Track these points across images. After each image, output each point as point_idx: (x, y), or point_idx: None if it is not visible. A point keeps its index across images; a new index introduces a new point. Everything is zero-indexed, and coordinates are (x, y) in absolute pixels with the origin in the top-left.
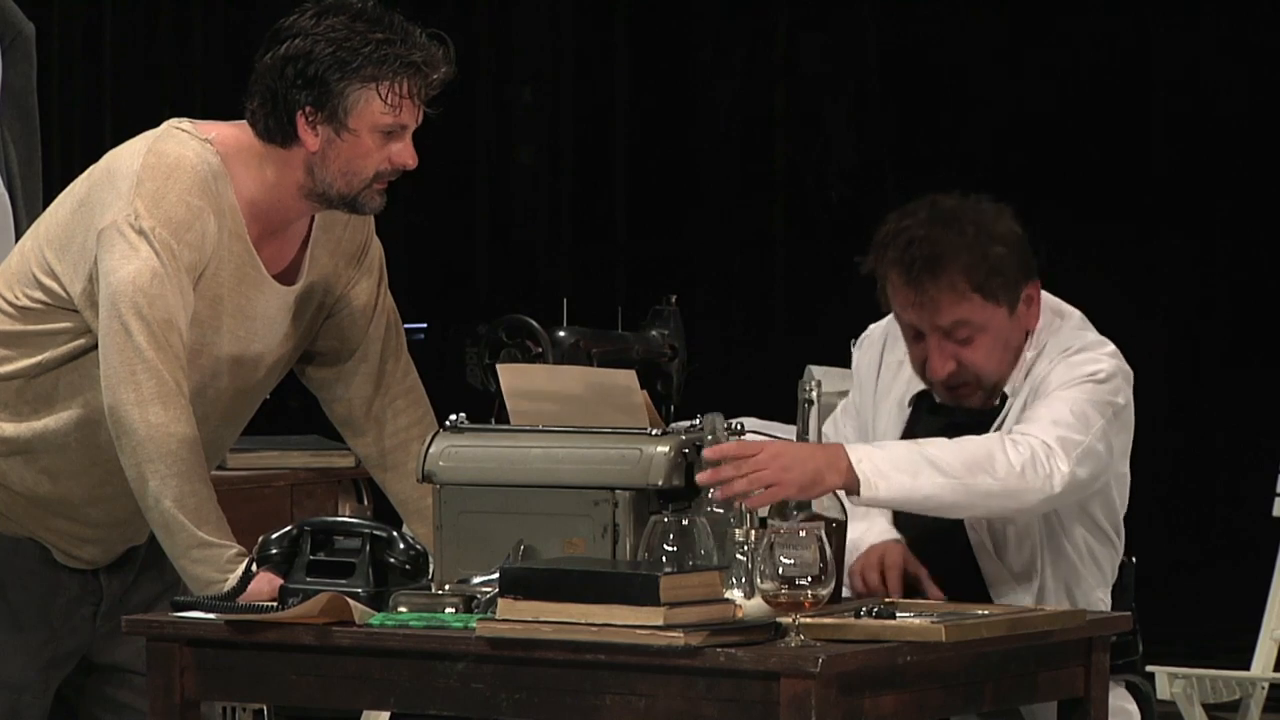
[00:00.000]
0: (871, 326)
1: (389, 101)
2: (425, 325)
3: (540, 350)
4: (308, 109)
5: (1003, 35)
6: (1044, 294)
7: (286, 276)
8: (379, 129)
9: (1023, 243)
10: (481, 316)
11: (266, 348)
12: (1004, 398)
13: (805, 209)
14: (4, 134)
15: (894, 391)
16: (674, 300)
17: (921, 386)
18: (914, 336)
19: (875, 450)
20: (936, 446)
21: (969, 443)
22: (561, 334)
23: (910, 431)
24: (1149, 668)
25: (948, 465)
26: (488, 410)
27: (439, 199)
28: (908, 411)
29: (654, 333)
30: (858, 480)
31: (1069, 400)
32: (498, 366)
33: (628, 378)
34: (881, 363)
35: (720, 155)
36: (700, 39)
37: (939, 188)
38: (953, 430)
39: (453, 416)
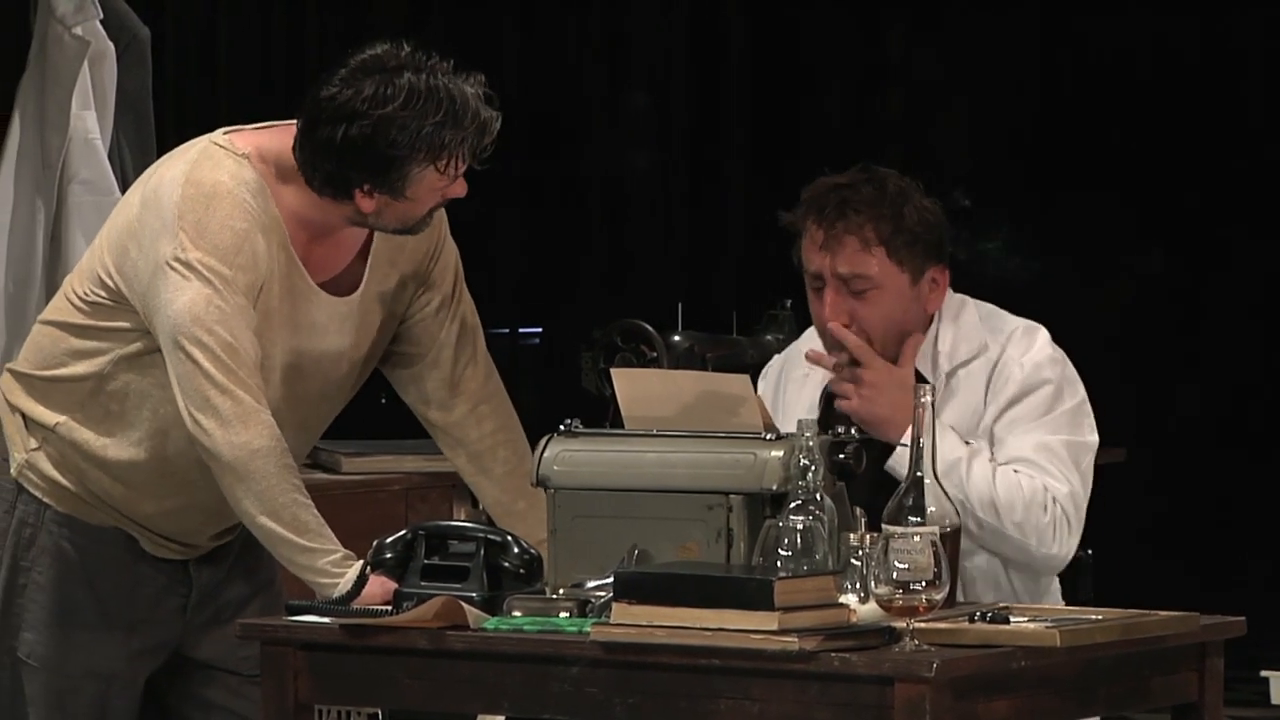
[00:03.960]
0: (772, 359)
1: (447, 174)
2: (540, 330)
3: (655, 355)
4: (366, 185)
5: (1121, 39)
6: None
7: (343, 285)
8: (435, 189)
9: (940, 225)
10: (596, 321)
11: (324, 355)
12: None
13: None
14: (119, 138)
15: (802, 400)
16: (788, 305)
17: (831, 377)
18: (816, 287)
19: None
20: (981, 466)
21: (1009, 484)
22: (676, 338)
23: (822, 428)
24: (1263, 672)
25: (972, 495)
26: (602, 415)
27: (553, 204)
28: (817, 411)
29: (768, 337)
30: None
31: (1067, 451)
32: (612, 371)
33: (742, 383)
34: (783, 381)
35: (833, 160)
36: (811, 42)
37: (1054, 196)
38: (863, 431)
39: (567, 421)
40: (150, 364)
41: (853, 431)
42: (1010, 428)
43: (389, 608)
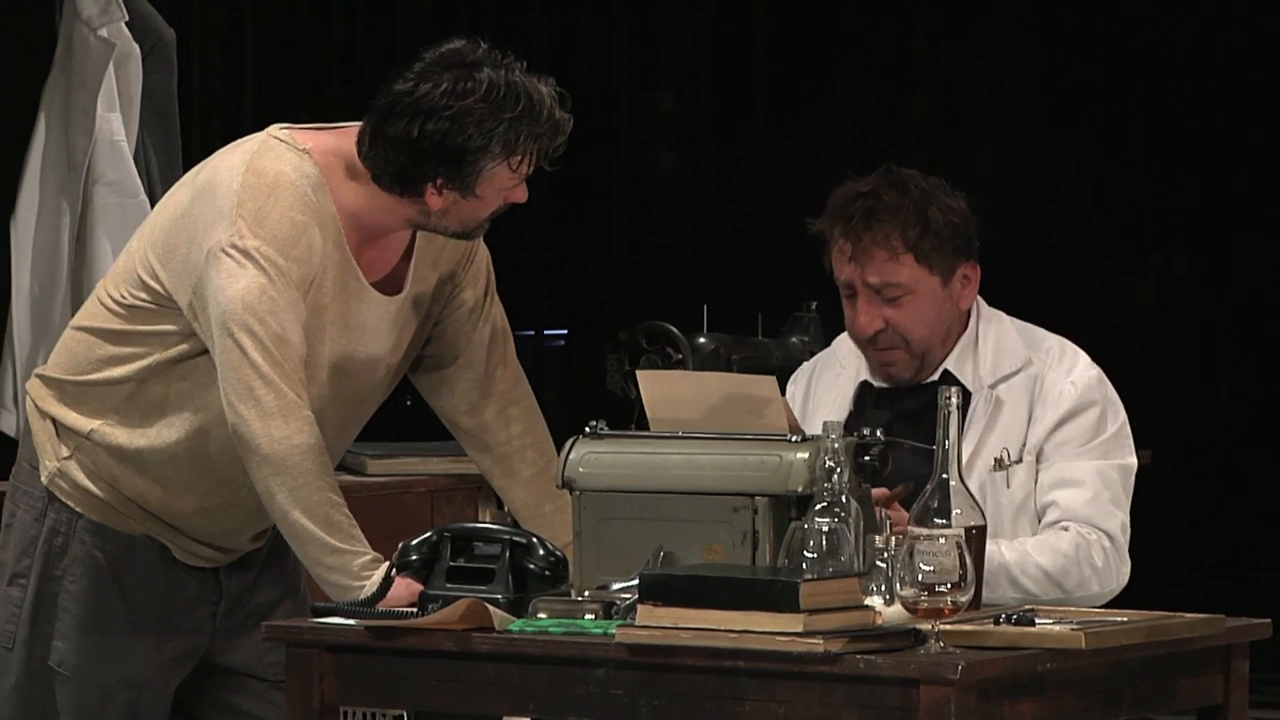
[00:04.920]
0: (803, 364)
1: (519, 172)
2: (565, 332)
3: (680, 356)
4: (439, 180)
5: (1146, 43)
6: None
7: (388, 286)
8: (504, 190)
9: (968, 221)
10: (621, 323)
11: (371, 357)
12: (947, 375)
13: None
14: (144, 140)
15: (834, 394)
16: (814, 307)
17: (864, 377)
18: (849, 295)
19: None
20: (1020, 561)
21: (1051, 553)
22: (701, 340)
23: (853, 427)
24: None
25: (1028, 584)
26: (628, 416)
27: (578, 206)
28: (848, 410)
29: (794, 339)
30: None
31: (1119, 476)
32: (637, 373)
33: (768, 384)
34: (813, 384)
35: (858, 162)
36: (839, 45)
37: (1078, 200)
38: (900, 421)
39: (592, 423)
40: (192, 368)
41: (879, 432)
42: (1060, 449)
43: (414, 610)
